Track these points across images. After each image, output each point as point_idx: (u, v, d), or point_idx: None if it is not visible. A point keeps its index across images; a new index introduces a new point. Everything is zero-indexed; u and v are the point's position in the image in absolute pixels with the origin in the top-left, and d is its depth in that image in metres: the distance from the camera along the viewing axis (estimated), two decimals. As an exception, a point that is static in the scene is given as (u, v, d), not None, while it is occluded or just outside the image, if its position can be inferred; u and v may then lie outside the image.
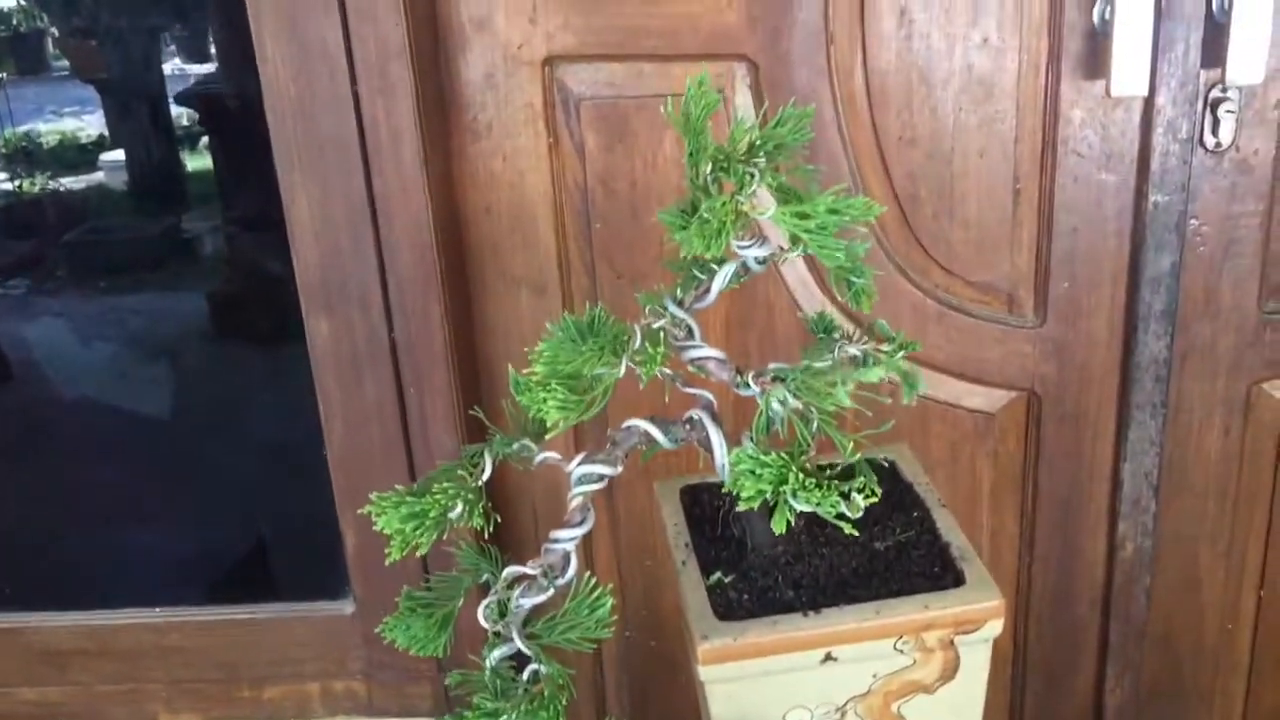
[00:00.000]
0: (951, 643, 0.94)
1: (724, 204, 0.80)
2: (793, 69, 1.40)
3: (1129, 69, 1.32)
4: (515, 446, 0.96)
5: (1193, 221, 1.42)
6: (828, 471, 0.83)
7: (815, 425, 0.84)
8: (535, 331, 1.53)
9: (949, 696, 0.96)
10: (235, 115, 1.72)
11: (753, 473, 0.82)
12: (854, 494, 0.80)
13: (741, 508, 0.83)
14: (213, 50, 1.88)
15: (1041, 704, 1.67)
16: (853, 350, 0.93)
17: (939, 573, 0.97)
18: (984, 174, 1.43)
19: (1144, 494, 1.54)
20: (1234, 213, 1.42)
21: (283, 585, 1.61)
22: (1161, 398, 1.49)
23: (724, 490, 0.91)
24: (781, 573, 0.97)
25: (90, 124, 1.98)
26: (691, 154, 0.85)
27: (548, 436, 0.88)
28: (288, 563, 1.66)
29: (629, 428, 0.93)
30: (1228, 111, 1.36)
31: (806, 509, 0.82)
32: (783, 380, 0.84)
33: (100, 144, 1.96)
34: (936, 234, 1.46)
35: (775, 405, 0.83)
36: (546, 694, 0.85)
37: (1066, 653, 1.65)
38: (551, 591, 0.94)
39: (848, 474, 0.85)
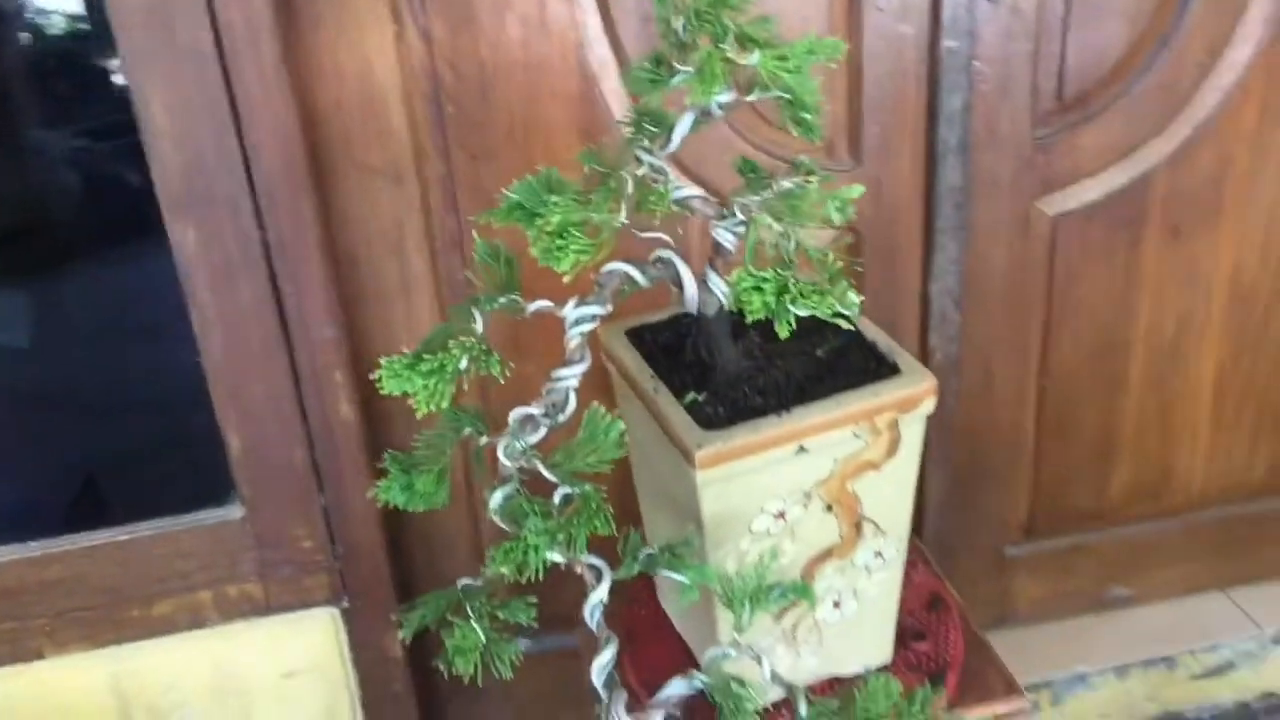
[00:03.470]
0: (895, 423, 1.11)
1: (711, 54, 0.90)
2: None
3: (922, -71, 1.49)
4: (505, 300, 1.03)
5: (976, 63, 1.63)
6: (816, 282, 0.96)
7: (794, 244, 0.97)
8: (395, 222, 1.58)
9: (892, 471, 1.13)
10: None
11: (758, 288, 0.94)
12: (847, 294, 0.94)
13: (750, 319, 0.96)
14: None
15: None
16: (786, 184, 1.06)
17: (875, 367, 1.13)
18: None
19: (949, 309, 1.77)
20: (1009, 53, 1.63)
21: (163, 500, 1.59)
22: (960, 222, 1.71)
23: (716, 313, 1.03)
24: (747, 385, 1.10)
25: None
26: (660, 14, 0.95)
27: (565, 280, 0.96)
28: (165, 476, 1.64)
29: (611, 271, 1.03)
30: (1002, -37, 1.57)
31: (805, 313, 0.95)
32: (766, 207, 0.96)
33: None
34: (762, 92, 1.60)
35: (762, 230, 0.96)
36: (596, 507, 0.95)
37: (891, 457, 1.88)
38: (551, 426, 1.03)
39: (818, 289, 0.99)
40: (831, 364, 1.13)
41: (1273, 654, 2.07)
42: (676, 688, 1.02)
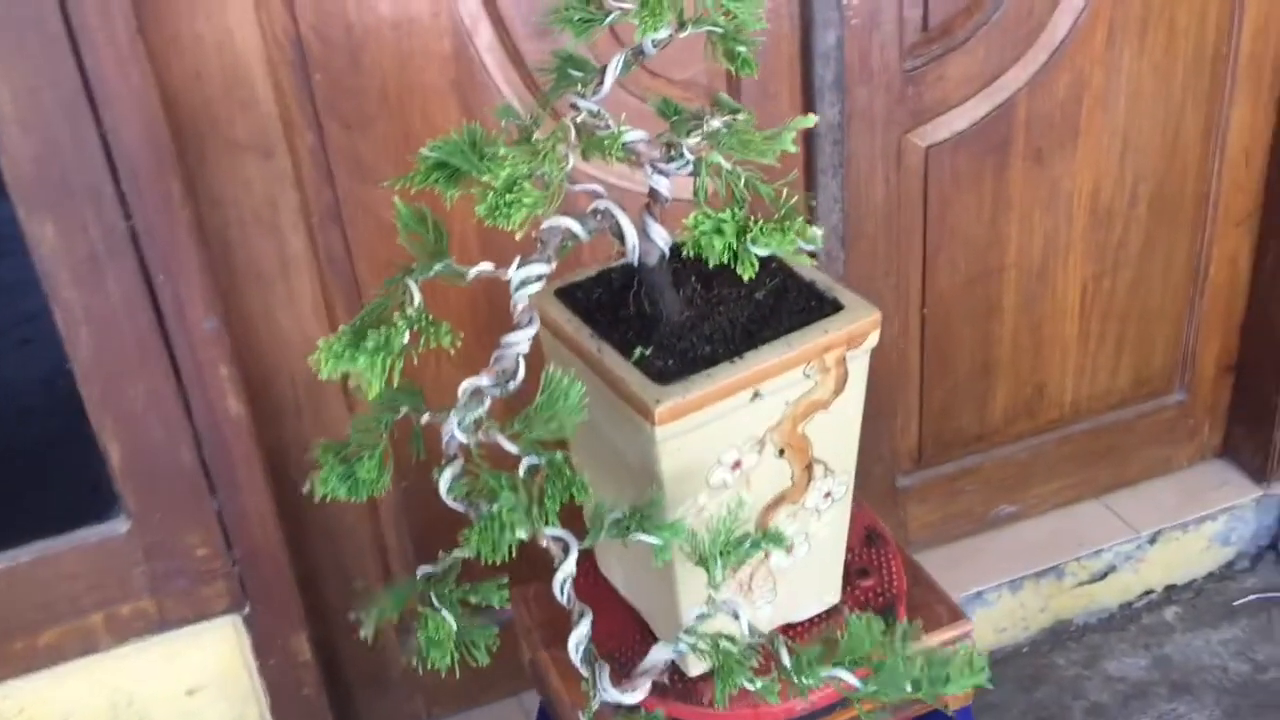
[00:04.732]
0: (843, 359, 1.09)
1: (658, -13, 0.86)
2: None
3: None
4: (441, 267, 0.97)
5: (846, -2, 1.62)
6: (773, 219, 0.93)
7: (744, 181, 0.94)
8: (268, 200, 1.49)
9: (840, 409, 1.12)
10: None
11: (718, 230, 0.91)
12: (809, 229, 0.91)
13: (712, 264, 0.92)
14: None
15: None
16: (715, 123, 1.03)
17: (816, 305, 1.11)
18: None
19: (834, 246, 1.77)
20: (877, -15, 1.64)
21: (39, 521, 1.47)
22: (839, 159, 1.71)
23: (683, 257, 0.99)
24: (693, 334, 1.07)
25: None
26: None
27: (518, 237, 0.91)
28: (39, 495, 1.52)
29: (552, 226, 0.98)
30: (866, -104, 1.56)
31: (767, 253, 0.92)
32: (716, 145, 0.93)
33: None
34: (639, 40, 1.56)
35: (711, 169, 0.92)
36: (567, 475, 0.90)
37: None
38: (501, 395, 0.98)
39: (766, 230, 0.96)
40: (773, 306, 1.10)
41: (1149, 554, 2.16)
42: (660, 654, 0.99)
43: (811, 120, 0.95)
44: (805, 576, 1.22)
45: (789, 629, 1.25)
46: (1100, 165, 1.90)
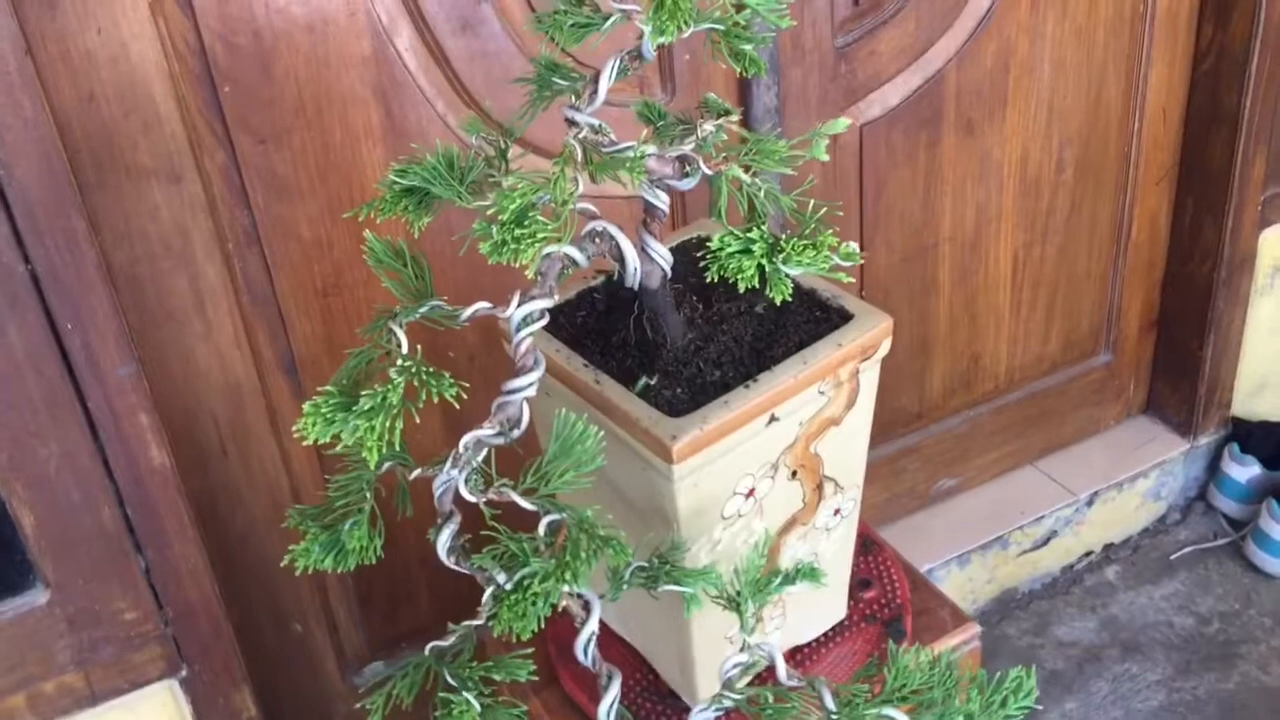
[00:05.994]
0: (856, 372, 1.02)
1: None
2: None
3: None
4: (428, 308, 0.87)
5: (778, -25, 1.55)
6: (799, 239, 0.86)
7: (764, 193, 0.86)
8: (178, 228, 1.36)
9: (851, 424, 1.05)
10: None
11: (746, 250, 0.83)
12: (845, 244, 0.84)
13: (742, 287, 0.84)
14: None
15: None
16: (709, 126, 0.95)
17: (822, 315, 1.03)
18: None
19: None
20: (807, -40, 1.57)
21: (-56, 602, 1.32)
22: (778, 143, 1.64)
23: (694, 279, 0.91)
24: (699, 359, 0.98)
25: None
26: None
27: (528, 273, 0.81)
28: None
29: (550, 255, 0.88)
30: None
31: (799, 273, 0.85)
32: (732, 158, 0.84)
33: None
34: (569, 30, 1.47)
35: (729, 183, 0.84)
36: (599, 533, 0.82)
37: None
38: (505, 445, 0.88)
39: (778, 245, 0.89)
40: (776, 320, 1.02)
41: (1087, 516, 2.17)
42: (705, 716, 0.91)
43: (844, 124, 0.87)
44: (814, 596, 1.15)
45: (797, 651, 1.18)
46: (1028, 132, 1.87)
